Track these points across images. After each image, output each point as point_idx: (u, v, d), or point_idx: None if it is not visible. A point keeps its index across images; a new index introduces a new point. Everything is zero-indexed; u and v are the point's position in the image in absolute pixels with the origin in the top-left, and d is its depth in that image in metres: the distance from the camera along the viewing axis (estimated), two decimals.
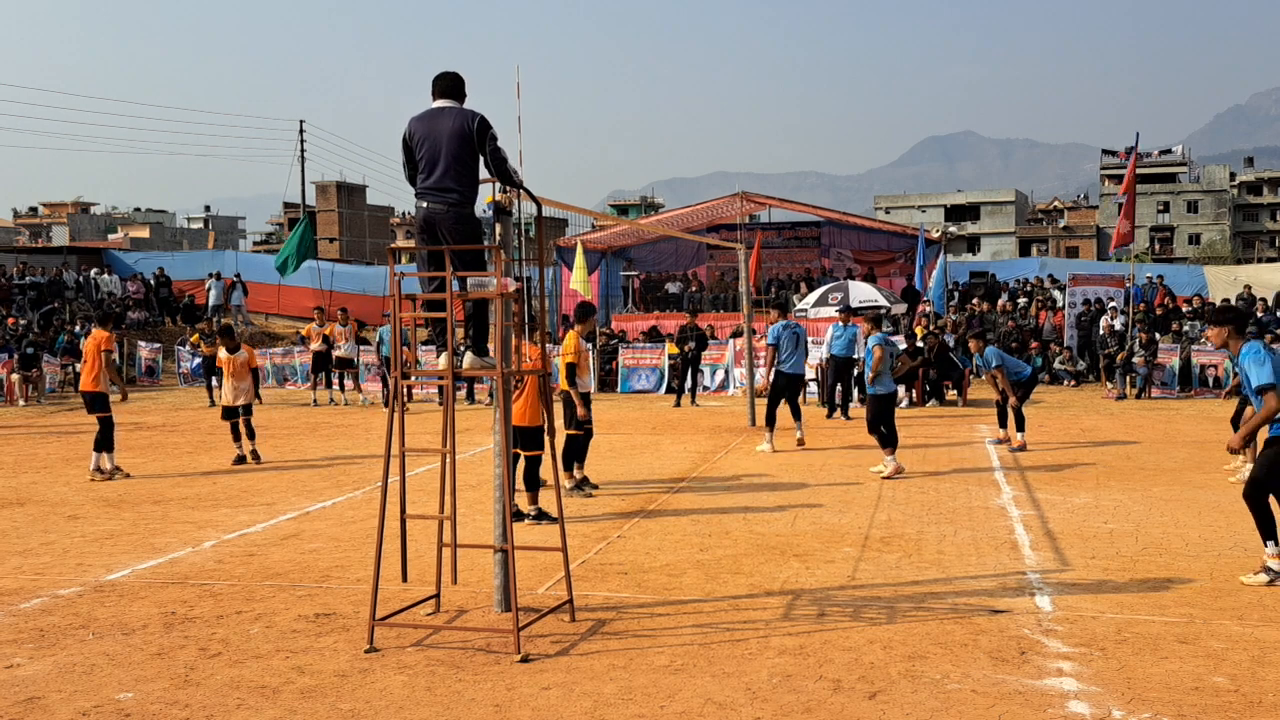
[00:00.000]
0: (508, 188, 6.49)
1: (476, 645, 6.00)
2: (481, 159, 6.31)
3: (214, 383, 21.81)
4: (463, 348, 6.48)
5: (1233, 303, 24.91)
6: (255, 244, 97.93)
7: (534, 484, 9.43)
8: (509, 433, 6.43)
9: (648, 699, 5.15)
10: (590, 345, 13.09)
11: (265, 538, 8.93)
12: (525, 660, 5.69)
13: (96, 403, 12.38)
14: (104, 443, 12.25)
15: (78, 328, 26.52)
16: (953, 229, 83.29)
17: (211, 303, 32.69)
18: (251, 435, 13.31)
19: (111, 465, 12.36)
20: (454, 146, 6.23)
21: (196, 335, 24.24)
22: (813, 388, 21.40)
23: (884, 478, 11.40)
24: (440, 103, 6.43)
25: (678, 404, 20.36)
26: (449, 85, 6.46)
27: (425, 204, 6.30)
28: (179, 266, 36.31)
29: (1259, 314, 23.17)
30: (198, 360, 23.86)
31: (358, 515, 9.81)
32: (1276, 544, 6.99)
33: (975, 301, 27.19)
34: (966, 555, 7.94)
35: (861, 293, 25.25)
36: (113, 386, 12.37)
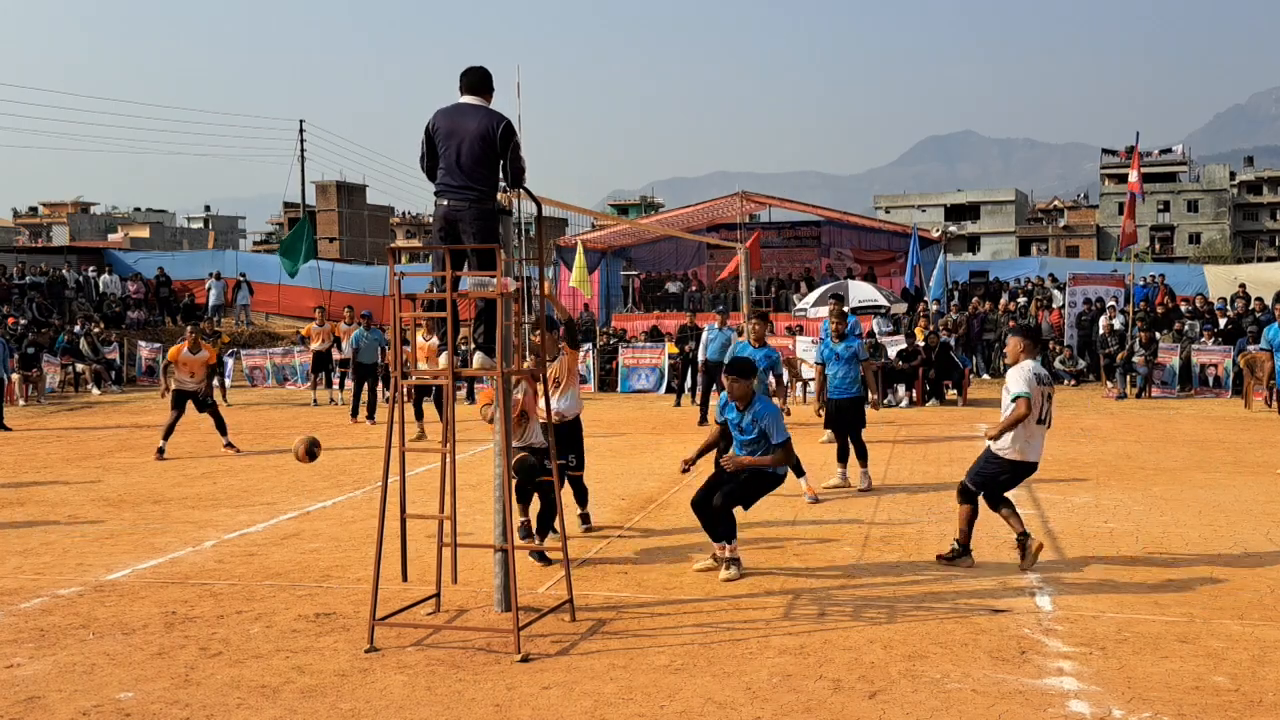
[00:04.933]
0: (508, 188, 6.49)
1: (476, 645, 6.00)
2: (501, 162, 6.30)
3: (214, 382, 21.80)
4: (473, 345, 6.47)
5: (1229, 302, 24.89)
6: (255, 244, 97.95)
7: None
8: (509, 432, 6.43)
9: (648, 698, 5.15)
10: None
11: (265, 537, 8.93)
12: (525, 660, 5.69)
13: None
14: None
15: (77, 327, 26.51)
16: (953, 229, 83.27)
17: (212, 302, 32.67)
18: None
19: None
20: (477, 147, 6.21)
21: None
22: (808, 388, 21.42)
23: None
24: (467, 99, 6.41)
25: (678, 404, 20.35)
26: (476, 81, 6.43)
27: (447, 201, 6.27)
28: (179, 266, 36.27)
29: (1256, 313, 23.13)
30: None
31: (358, 515, 9.81)
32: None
33: (975, 301, 27.20)
34: None
35: (861, 292, 25.25)
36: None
